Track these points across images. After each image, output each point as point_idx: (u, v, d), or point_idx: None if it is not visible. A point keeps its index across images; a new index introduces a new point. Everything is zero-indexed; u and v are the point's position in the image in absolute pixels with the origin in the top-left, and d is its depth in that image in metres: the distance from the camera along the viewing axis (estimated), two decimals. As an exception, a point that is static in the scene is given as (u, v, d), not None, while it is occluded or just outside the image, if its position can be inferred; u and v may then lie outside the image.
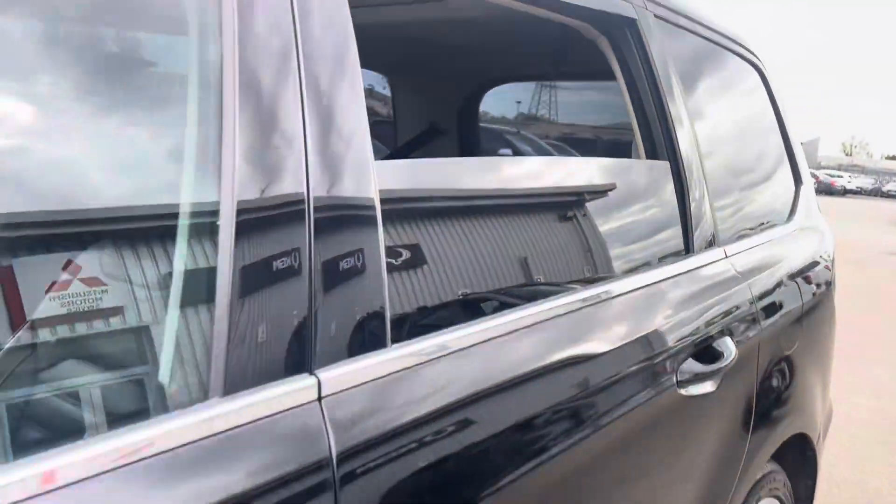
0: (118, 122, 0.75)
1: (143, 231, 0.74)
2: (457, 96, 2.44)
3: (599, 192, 1.37)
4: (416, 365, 0.88)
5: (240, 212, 0.73)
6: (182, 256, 0.73)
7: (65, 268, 0.67)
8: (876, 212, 29.39)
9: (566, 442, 1.04)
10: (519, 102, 2.66)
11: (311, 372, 0.78)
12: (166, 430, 0.66)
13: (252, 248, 0.73)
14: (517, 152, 2.64)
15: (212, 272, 0.72)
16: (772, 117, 2.13)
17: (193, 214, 0.74)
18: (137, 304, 0.71)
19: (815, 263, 2.03)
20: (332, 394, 0.78)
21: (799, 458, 1.97)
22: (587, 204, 1.34)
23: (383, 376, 0.84)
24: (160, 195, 0.75)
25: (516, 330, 1.02)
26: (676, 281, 1.41)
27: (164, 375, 0.70)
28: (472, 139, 2.40)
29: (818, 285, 1.99)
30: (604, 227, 1.35)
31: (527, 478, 0.98)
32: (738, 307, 1.55)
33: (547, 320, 1.07)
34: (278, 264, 0.75)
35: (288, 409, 0.74)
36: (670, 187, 1.51)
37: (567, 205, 1.32)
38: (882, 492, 3.39)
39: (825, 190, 44.01)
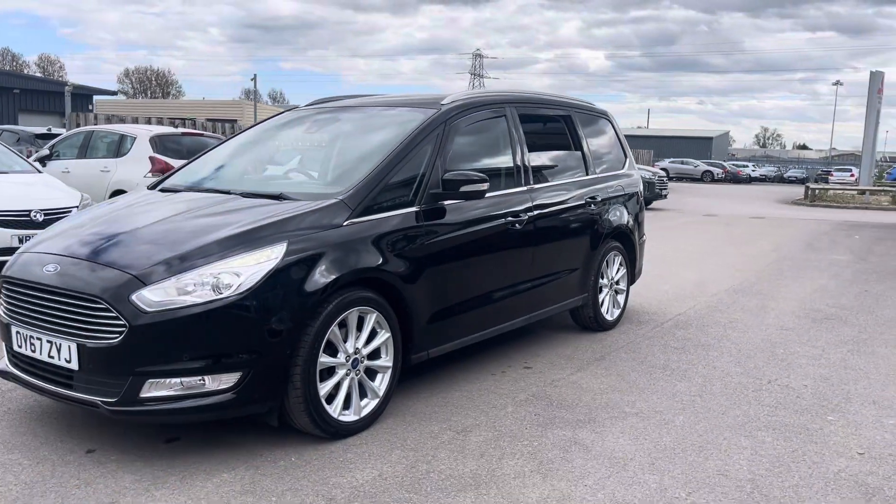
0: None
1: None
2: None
3: (565, 157, 5.58)
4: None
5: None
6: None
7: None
8: (768, 194, 34.70)
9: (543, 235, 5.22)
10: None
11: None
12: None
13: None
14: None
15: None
16: (615, 136, 6.37)
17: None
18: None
19: (628, 182, 6.27)
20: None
21: (627, 241, 6.20)
22: (558, 161, 5.54)
23: None
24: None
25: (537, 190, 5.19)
26: (585, 179, 5.62)
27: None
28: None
29: (625, 187, 6.24)
30: (564, 170, 5.54)
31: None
32: (596, 192, 5.75)
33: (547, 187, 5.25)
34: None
35: None
36: (578, 157, 5.71)
37: (557, 167, 5.50)
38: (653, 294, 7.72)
39: (732, 178, 49.45)
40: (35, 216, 7.65)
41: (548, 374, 4.81)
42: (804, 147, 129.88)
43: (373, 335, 3.80)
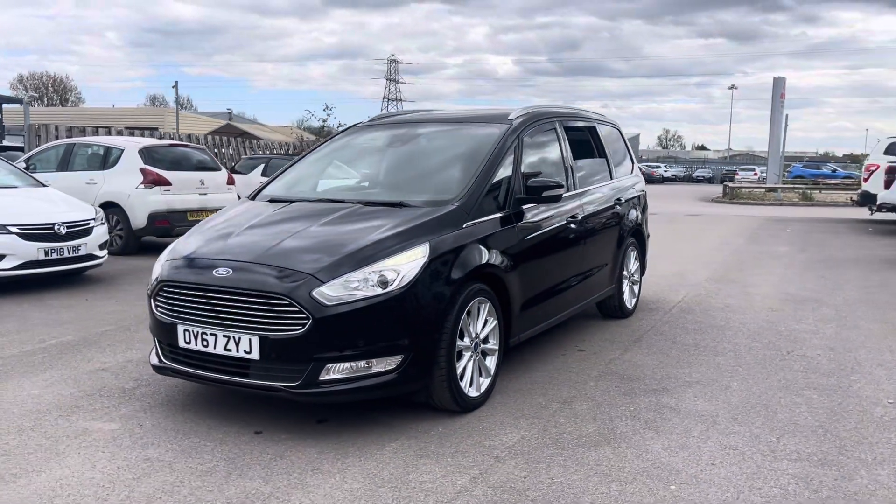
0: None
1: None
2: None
3: (596, 164, 6.27)
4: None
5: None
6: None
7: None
8: (687, 193, 36.67)
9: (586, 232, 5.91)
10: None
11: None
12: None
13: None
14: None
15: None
16: (623, 143, 7.13)
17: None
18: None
19: (636, 181, 7.04)
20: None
21: (640, 238, 6.96)
22: (592, 167, 6.23)
23: None
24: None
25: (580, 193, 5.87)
26: (610, 183, 6.33)
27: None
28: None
29: (637, 189, 7.00)
30: (595, 175, 6.24)
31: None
32: (620, 195, 6.48)
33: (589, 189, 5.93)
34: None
35: None
36: (604, 163, 6.42)
37: (593, 169, 6.19)
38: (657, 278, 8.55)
39: (646, 179, 51.86)
40: (59, 229, 7.83)
41: (602, 355, 5.48)
42: (703, 147, 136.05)
43: (483, 322, 4.37)
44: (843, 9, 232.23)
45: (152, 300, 4.16)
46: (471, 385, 4.23)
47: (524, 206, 4.81)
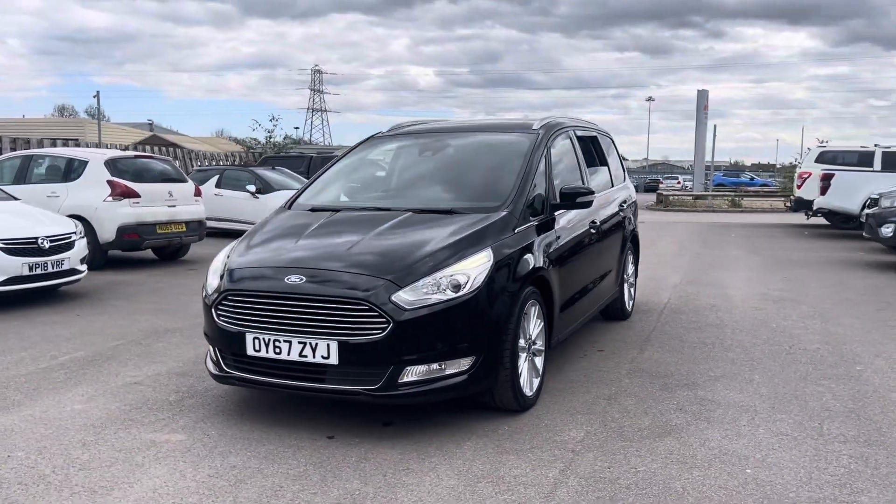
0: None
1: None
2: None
3: (600, 171, 6.53)
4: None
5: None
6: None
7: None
8: (618, 201, 37.78)
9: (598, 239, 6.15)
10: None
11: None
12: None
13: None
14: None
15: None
16: (615, 151, 7.42)
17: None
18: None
19: (631, 192, 7.34)
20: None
21: (636, 242, 7.26)
22: (598, 175, 6.49)
23: None
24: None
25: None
26: (612, 190, 6.60)
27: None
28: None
29: (631, 196, 7.31)
30: (601, 183, 6.50)
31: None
32: (621, 201, 6.77)
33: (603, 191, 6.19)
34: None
35: None
36: (606, 171, 6.69)
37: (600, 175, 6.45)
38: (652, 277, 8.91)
39: (577, 188, 53.14)
40: (42, 243, 7.60)
41: (621, 354, 5.71)
42: (622, 158, 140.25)
43: (534, 324, 4.53)
44: (747, 25, 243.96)
45: (213, 310, 4.15)
46: (524, 385, 4.37)
47: (556, 213, 5.00)
